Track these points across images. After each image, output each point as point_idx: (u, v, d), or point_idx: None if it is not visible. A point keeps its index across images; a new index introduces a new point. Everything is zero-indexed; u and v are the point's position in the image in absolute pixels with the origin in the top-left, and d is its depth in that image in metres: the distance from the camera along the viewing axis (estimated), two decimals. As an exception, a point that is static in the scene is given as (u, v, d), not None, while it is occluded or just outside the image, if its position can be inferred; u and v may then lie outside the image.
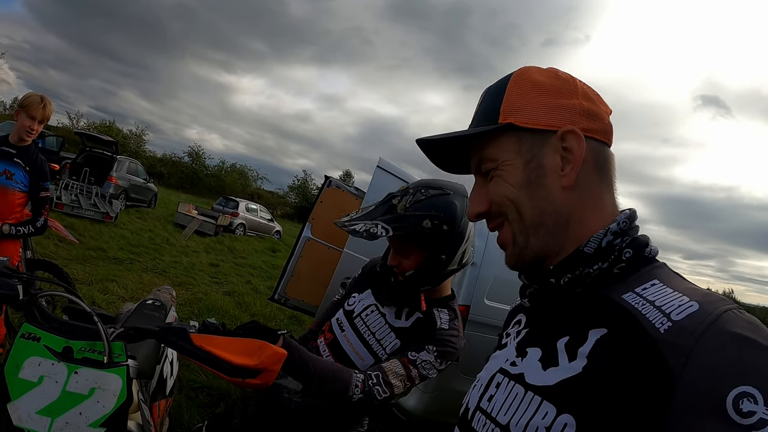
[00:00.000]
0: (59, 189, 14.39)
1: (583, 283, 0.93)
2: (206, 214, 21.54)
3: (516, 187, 0.98)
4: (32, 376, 1.53)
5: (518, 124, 0.97)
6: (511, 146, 0.99)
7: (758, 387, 0.66)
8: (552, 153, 0.96)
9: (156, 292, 3.07)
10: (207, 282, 11.24)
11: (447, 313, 2.01)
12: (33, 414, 1.49)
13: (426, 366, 1.88)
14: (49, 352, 1.57)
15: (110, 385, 1.57)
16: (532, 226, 0.97)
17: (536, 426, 0.85)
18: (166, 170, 51.97)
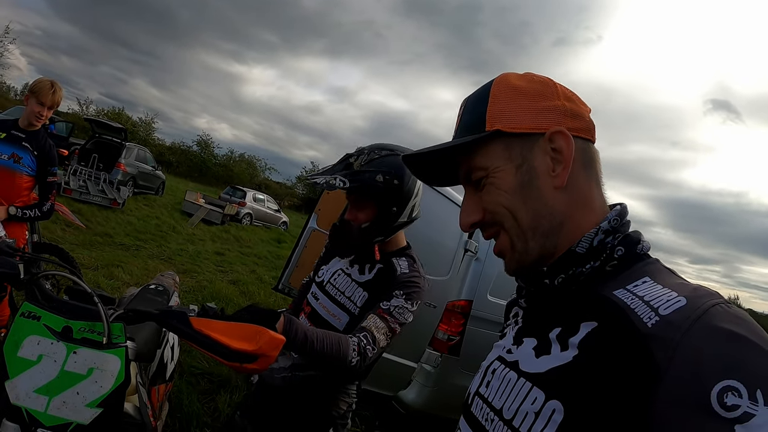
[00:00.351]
0: (68, 174, 14.43)
1: (576, 281, 0.94)
2: (213, 203, 21.60)
3: (510, 192, 0.99)
4: (31, 355, 1.53)
5: (506, 129, 0.98)
6: (501, 153, 1.00)
7: (742, 381, 0.67)
8: (542, 155, 0.97)
9: (159, 278, 3.08)
10: (212, 270, 11.29)
11: (405, 260, 2.19)
12: (31, 392, 1.49)
13: (400, 311, 2.01)
14: (49, 331, 1.57)
15: (109, 366, 1.58)
16: (530, 230, 0.98)
17: (526, 411, 0.88)
18: (174, 158, 52.17)
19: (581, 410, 0.80)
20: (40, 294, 1.73)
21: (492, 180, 1.00)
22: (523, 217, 0.97)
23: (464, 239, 4.96)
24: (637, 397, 0.73)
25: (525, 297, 1.09)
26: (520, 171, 0.98)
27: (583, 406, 0.80)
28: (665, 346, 0.73)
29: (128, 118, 52.78)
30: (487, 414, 1.00)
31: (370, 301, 2.14)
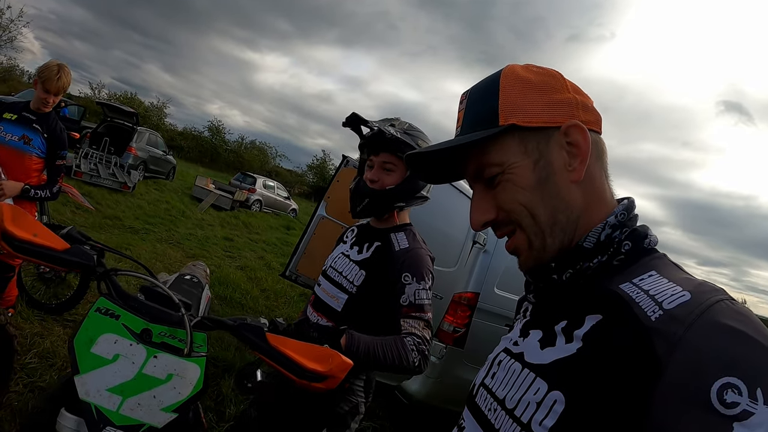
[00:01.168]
0: (79, 157, 14.51)
1: (584, 276, 0.94)
2: (223, 188, 21.69)
3: (528, 189, 0.96)
4: (106, 353, 1.55)
5: (521, 124, 0.95)
6: (516, 148, 0.97)
7: (743, 378, 0.67)
8: (558, 149, 0.95)
9: (191, 267, 3.09)
10: (220, 255, 11.35)
11: (403, 234, 2.23)
12: (103, 390, 1.50)
13: (419, 295, 2.06)
14: (128, 331, 1.59)
15: (188, 374, 1.60)
16: (548, 227, 0.96)
17: (528, 401, 0.89)
18: (186, 144, 52.39)
19: (582, 402, 0.80)
20: (114, 290, 1.73)
21: (508, 177, 0.97)
22: (541, 215, 0.95)
23: (472, 231, 4.90)
24: (637, 390, 0.73)
25: (533, 292, 1.08)
26: (538, 166, 0.95)
27: (584, 397, 0.80)
28: (667, 341, 0.73)
29: (140, 102, 53.10)
30: (490, 404, 1.01)
31: (368, 280, 2.19)
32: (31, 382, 3.69)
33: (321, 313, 2.29)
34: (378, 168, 2.19)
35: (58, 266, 1.67)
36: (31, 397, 3.49)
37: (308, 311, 2.37)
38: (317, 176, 65.43)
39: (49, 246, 1.63)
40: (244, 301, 7.76)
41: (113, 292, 1.72)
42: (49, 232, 1.68)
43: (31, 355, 4.02)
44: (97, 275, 1.74)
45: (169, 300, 1.73)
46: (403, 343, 1.95)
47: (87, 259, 1.70)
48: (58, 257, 1.65)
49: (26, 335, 4.27)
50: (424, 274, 2.10)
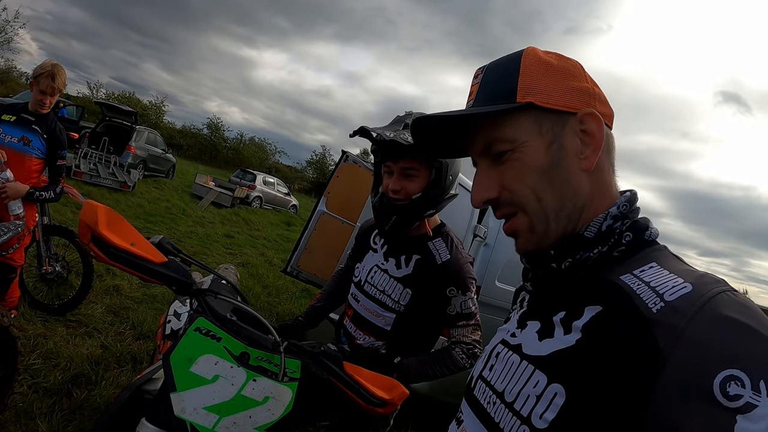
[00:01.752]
0: (78, 158, 14.48)
1: (583, 266, 0.93)
2: (223, 186, 21.64)
3: (538, 171, 0.94)
4: (206, 374, 1.56)
5: (539, 103, 0.94)
6: (530, 126, 0.95)
7: (746, 371, 0.66)
8: (572, 135, 0.95)
9: (224, 270, 3.09)
10: (221, 253, 11.32)
11: (441, 242, 2.18)
12: (200, 409, 1.52)
13: (466, 304, 2.10)
14: (228, 354, 1.61)
15: (282, 397, 1.64)
16: (553, 212, 0.95)
17: (527, 394, 0.88)
18: (185, 142, 52.48)
19: (583, 394, 0.80)
20: (207, 308, 1.74)
21: (519, 155, 0.95)
22: (548, 200, 0.95)
23: (473, 224, 4.94)
24: (638, 383, 0.73)
25: (531, 280, 1.08)
26: (551, 149, 0.95)
27: (584, 390, 0.79)
28: (669, 333, 0.72)
29: (138, 101, 53.04)
30: (489, 397, 1.00)
31: (415, 299, 2.15)
32: (36, 383, 3.69)
33: (366, 331, 2.25)
34: (399, 175, 2.04)
35: (154, 280, 1.66)
36: (35, 398, 3.50)
37: (350, 327, 2.34)
38: (317, 172, 65.55)
39: (148, 258, 1.63)
40: (246, 298, 7.67)
41: (208, 312, 1.73)
42: (145, 241, 1.68)
43: (35, 356, 4.02)
44: (191, 293, 1.75)
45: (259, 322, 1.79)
46: (450, 356, 2.08)
47: (185, 276, 1.71)
48: (156, 271, 1.65)
49: (29, 336, 4.28)
50: (468, 284, 2.11)
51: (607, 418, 0.76)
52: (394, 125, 2.07)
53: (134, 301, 6.05)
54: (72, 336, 4.65)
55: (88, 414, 3.53)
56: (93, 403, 3.67)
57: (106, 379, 4.03)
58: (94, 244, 1.55)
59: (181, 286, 1.71)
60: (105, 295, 5.90)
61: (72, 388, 3.80)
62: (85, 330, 4.89)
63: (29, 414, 3.29)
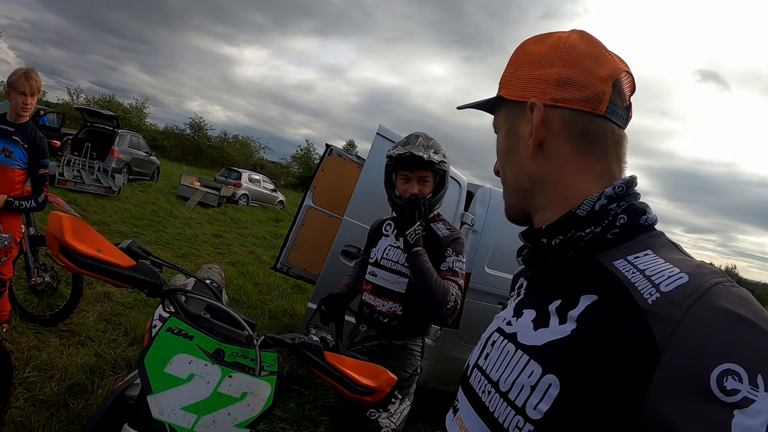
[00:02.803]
0: (61, 165, 14.31)
1: (575, 246, 0.93)
2: (209, 185, 21.54)
3: (501, 152, 1.11)
4: (181, 373, 1.56)
5: (505, 96, 1.06)
6: (503, 116, 1.10)
7: (743, 365, 0.65)
8: (525, 123, 1.01)
9: (207, 270, 3.09)
10: (211, 253, 11.29)
11: (441, 224, 2.82)
12: (177, 409, 1.51)
13: (457, 264, 2.66)
14: (202, 352, 1.61)
15: (261, 392, 1.63)
16: (512, 188, 1.09)
17: (522, 384, 0.88)
18: (168, 143, 52.02)
19: (577, 386, 0.79)
20: (179, 308, 1.74)
21: (497, 139, 1.14)
22: (508, 177, 1.09)
23: (461, 212, 4.94)
24: (633, 375, 0.72)
25: (524, 257, 1.08)
26: (509, 135, 1.07)
27: (579, 381, 0.79)
28: (665, 325, 0.72)
29: (119, 104, 52.43)
30: (484, 386, 1.00)
31: None
32: (32, 396, 3.68)
33: (385, 298, 2.77)
34: (415, 182, 2.69)
35: (124, 284, 1.66)
36: (33, 411, 3.48)
37: (369, 299, 2.84)
38: (302, 166, 65.27)
39: (115, 263, 1.63)
40: (237, 296, 7.74)
41: (180, 311, 1.73)
42: (112, 247, 1.68)
43: (30, 369, 4.01)
44: (162, 294, 1.74)
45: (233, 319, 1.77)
46: (448, 287, 2.50)
47: (154, 277, 1.71)
48: (125, 275, 1.64)
49: (23, 349, 4.27)
50: (461, 250, 2.70)
51: (602, 411, 0.76)
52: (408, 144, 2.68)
53: (125, 306, 6.04)
54: (65, 346, 4.64)
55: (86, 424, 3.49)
56: (90, 412, 3.65)
57: (102, 387, 4.02)
58: (62, 254, 1.55)
59: (151, 288, 1.70)
60: (96, 303, 5.88)
61: (68, 398, 3.79)
62: (78, 339, 4.88)
63: (28, 428, 3.29)
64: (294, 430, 4.22)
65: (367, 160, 4.93)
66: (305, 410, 4.53)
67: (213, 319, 1.77)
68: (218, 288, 2.38)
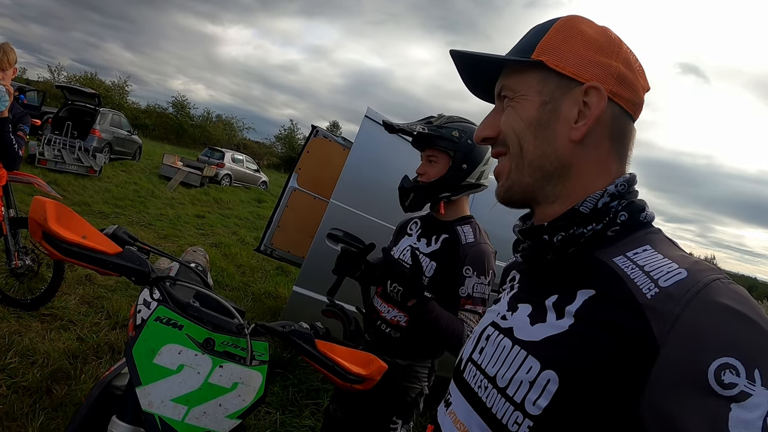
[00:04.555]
0: (41, 145, 14.16)
1: (576, 243, 0.93)
2: (192, 165, 21.40)
3: (526, 122, 0.99)
4: (170, 364, 1.53)
5: (549, 64, 0.97)
6: (534, 83, 0.99)
7: (741, 359, 0.67)
8: (572, 103, 0.96)
9: (192, 254, 3.06)
10: (193, 234, 11.24)
11: (469, 227, 2.40)
12: (167, 401, 1.49)
13: (478, 288, 2.24)
14: (192, 342, 1.58)
15: (252, 381, 1.62)
16: (530, 165, 0.99)
17: (520, 380, 0.89)
18: (150, 122, 51.80)
19: (576, 381, 0.80)
20: (168, 296, 1.71)
21: (514, 104, 1.01)
22: (528, 150, 0.98)
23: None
24: (632, 369, 0.73)
25: (521, 252, 1.07)
26: (544, 108, 0.98)
27: (578, 377, 0.80)
28: (663, 319, 0.73)
29: (101, 83, 52.02)
30: (480, 381, 1.00)
31: (438, 270, 2.35)
32: (14, 382, 3.65)
33: (391, 304, 2.46)
34: (424, 161, 2.42)
35: (110, 272, 1.61)
36: (15, 398, 3.45)
37: (377, 302, 2.55)
38: (286, 146, 65.16)
39: (101, 249, 1.58)
40: (220, 278, 7.70)
41: (168, 299, 1.70)
42: (98, 233, 1.63)
43: (11, 355, 3.97)
44: (151, 281, 1.70)
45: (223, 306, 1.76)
46: (461, 325, 2.15)
47: (142, 264, 1.66)
48: (111, 262, 1.59)
49: (4, 335, 4.22)
50: (485, 269, 2.27)
51: (601, 405, 0.77)
52: (422, 120, 2.41)
53: (108, 289, 5.99)
54: (47, 330, 4.60)
55: (70, 410, 3.49)
56: (74, 398, 3.64)
57: (85, 373, 4.00)
58: (46, 241, 1.50)
59: (139, 276, 1.66)
60: (78, 286, 5.83)
61: (52, 384, 3.76)
62: (60, 323, 4.83)
63: (10, 415, 3.25)
64: (279, 414, 4.21)
65: (354, 143, 4.90)
66: (289, 394, 4.53)
67: (202, 308, 1.75)
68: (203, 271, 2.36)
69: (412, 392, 2.44)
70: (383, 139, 4.79)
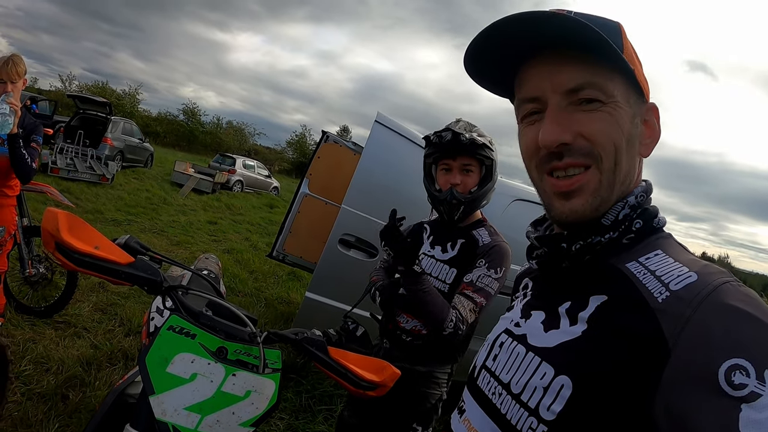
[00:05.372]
0: (54, 153, 14.28)
1: (592, 250, 0.93)
2: (203, 171, 21.48)
3: (625, 135, 0.89)
4: (183, 373, 1.53)
5: (636, 75, 0.90)
6: (623, 91, 0.89)
7: (751, 360, 0.67)
8: (641, 120, 0.94)
9: (204, 261, 3.06)
10: (206, 240, 11.28)
11: (485, 230, 2.40)
12: (180, 409, 1.49)
13: (483, 280, 2.22)
14: (205, 350, 1.58)
15: (265, 389, 1.62)
16: (619, 183, 0.91)
17: (535, 386, 0.89)
18: (161, 129, 52.24)
19: (590, 386, 0.81)
20: (180, 305, 1.72)
21: (611, 110, 0.88)
22: (623, 166, 0.90)
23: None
24: (644, 373, 0.74)
25: (536, 258, 1.06)
26: (634, 122, 0.91)
27: (591, 381, 0.81)
28: (675, 322, 0.74)
29: (112, 91, 52.46)
30: (494, 387, 1.00)
31: (459, 277, 2.33)
32: (29, 389, 3.66)
33: (410, 313, 2.42)
34: (457, 171, 2.33)
35: (123, 282, 1.62)
36: (30, 405, 3.46)
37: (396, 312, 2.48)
38: (297, 152, 65.32)
39: (113, 260, 1.59)
40: (233, 284, 7.71)
41: (181, 308, 1.71)
42: (110, 243, 1.64)
43: (26, 362, 3.99)
44: (163, 290, 1.71)
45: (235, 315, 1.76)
46: (448, 310, 2.14)
47: (154, 274, 1.67)
48: (124, 272, 1.61)
49: (18, 342, 4.24)
50: (497, 264, 2.26)
51: (615, 408, 0.78)
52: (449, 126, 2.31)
53: (121, 296, 6.00)
54: (61, 338, 4.62)
55: (84, 417, 3.49)
56: (89, 404, 3.65)
57: (99, 380, 4.01)
58: (59, 251, 1.51)
59: (152, 285, 1.67)
60: (91, 293, 5.85)
61: (66, 391, 3.77)
62: (73, 330, 4.85)
63: (25, 422, 3.27)
64: (292, 419, 4.20)
65: (365, 148, 4.89)
66: (302, 399, 4.51)
67: (215, 316, 1.75)
68: (216, 279, 2.37)
69: (432, 398, 2.42)
70: (394, 144, 4.79)
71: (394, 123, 4.95)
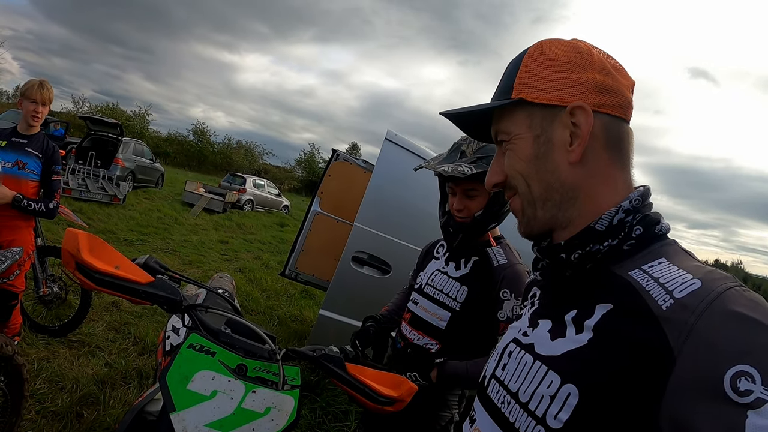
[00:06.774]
0: (66, 174, 14.35)
1: (593, 259, 0.94)
2: (214, 191, 21.55)
3: (526, 161, 1.00)
4: (204, 390, 1.55)
5: (529, 99, 0.98)
6: (523, 120, 1.00)
7: (756, 366, 0.67)
8: (561, 128, 0.96)
9: (218, 280, 3.07)
10: (218, 259, 11.29)
11: (500, 249, 2.29)
12: (201, 426, 1.51)
13: (517, 311, 2.02)
14: (225, 368, 1.60)
15: (284, 406, 1.64)
16: (540, 200, 1.00)
17: (542, 394, 0.90)
18: (171, 149, 52.34)
19: (596, 394, 0.81)
20: (199, 323, 1.75)
21: (511, 146, 1.02)
22: (535, 186, 1.00)
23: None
24: (650, 380, 0.75)
25: (540, 270, 1.09)
26: (538, 141, 0.98)
27: (597, 389, 0.81)
28: (679, 329, 0.74)
29: (123, 112, 52.75)
30: (503, 397, 1.01)
31: (470, 296, 2.23)
32: (44, 408, 3.67)
33: (421, 331, 2.36)
34: (461, 196, 2.22)
35: (143, 301, 1.65)
36: (45, 423, 3.48)
37: (405, 329, 2.45)
38: (306, 170, 65.50)
39: (133, 279, 1.61)
40: (245, 303, 7.73)
41: (200, 326, 1.73)
42: (130, 263, 1.67)
43: (41, 381, 4.00)
44: (183, 309, 1.74)
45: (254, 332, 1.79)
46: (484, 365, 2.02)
47: (173, 293, 1.69)
48: (144, 291, 1.63)
49: (33, 361, 4.26)
50: (521, 291, 2.12)
51: (621, 416, 0.78)
52: (452, 154, 2.24)
53: (134, 315, 6.03)
54: (75, 356, 4.64)
55: (99, 435, 3.48)
56: (103, 423, 3.66)
57: (113, 398, 4.02)
58: (79, 271, 1.54)
59: (171, 304, 1.69)
60: (105, 312, 5.88)
61: (81, 409, 3.78)
62: (88, 349, 4.87)
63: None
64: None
65: (376, 166, 4.92)
66: (317, 416, 4.52)
67: (234, 334, 1.77)
68: (230, 297, 2.38)
69: (443, 420, 2.38)
70: (404, 161, 4.81)
71: (404, 140, 4.97)
